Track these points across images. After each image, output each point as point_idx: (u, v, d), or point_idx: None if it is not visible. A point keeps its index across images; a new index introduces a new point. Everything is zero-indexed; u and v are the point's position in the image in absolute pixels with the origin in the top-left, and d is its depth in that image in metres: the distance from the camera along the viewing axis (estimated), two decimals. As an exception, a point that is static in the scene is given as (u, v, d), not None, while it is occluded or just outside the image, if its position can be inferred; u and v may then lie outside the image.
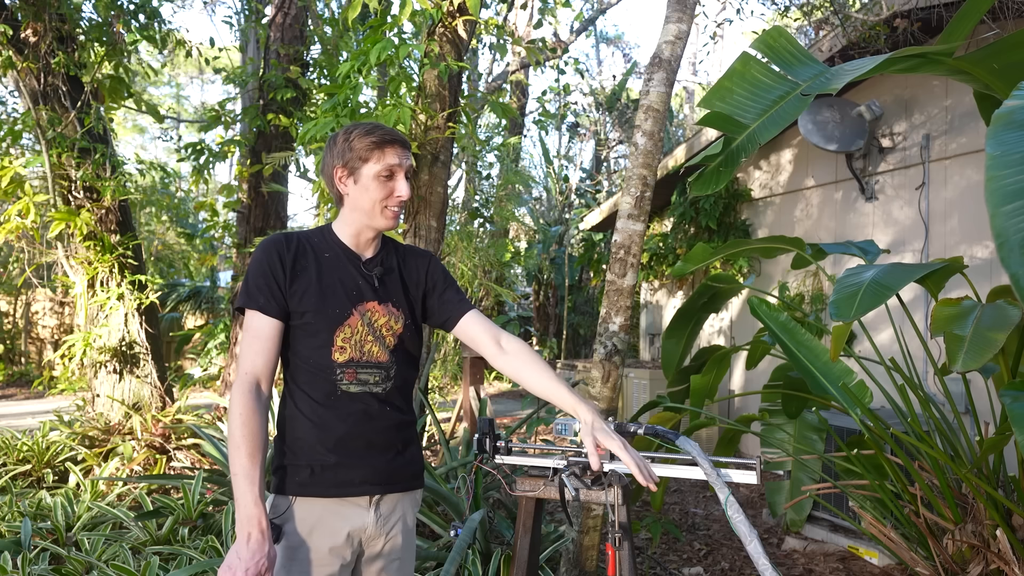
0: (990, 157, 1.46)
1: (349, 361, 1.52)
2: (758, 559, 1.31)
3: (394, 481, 1.57)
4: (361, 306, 1.55)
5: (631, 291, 2.69)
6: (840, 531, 3.83)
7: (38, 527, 3.37)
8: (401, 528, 1.60)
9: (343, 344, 1.52)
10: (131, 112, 14.41)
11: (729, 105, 2.34)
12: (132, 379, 5.26)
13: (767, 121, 2.27)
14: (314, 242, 1.58)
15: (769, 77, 2.30)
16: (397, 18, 3.80)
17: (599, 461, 1.44)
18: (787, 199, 5.92)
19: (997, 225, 1.38)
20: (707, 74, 18.35)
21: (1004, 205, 1.39)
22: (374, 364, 1.55)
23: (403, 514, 1.61)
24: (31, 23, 4.79)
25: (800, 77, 2.26)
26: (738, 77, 2.33)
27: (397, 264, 1.66)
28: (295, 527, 1.49)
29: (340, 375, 1.51)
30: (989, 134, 1.52)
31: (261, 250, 1.54)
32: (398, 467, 1.58)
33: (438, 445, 5.78)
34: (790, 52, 2.32)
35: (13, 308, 12.50)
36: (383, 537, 1.56)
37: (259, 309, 1.49)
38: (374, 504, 1.54)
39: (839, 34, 4.68)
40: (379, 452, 1.55)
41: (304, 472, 1.50)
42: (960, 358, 1.83)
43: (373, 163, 1.52)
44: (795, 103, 2.19)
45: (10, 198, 4.89)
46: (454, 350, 10.93)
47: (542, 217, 14.14)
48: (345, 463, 1.51)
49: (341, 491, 1.51)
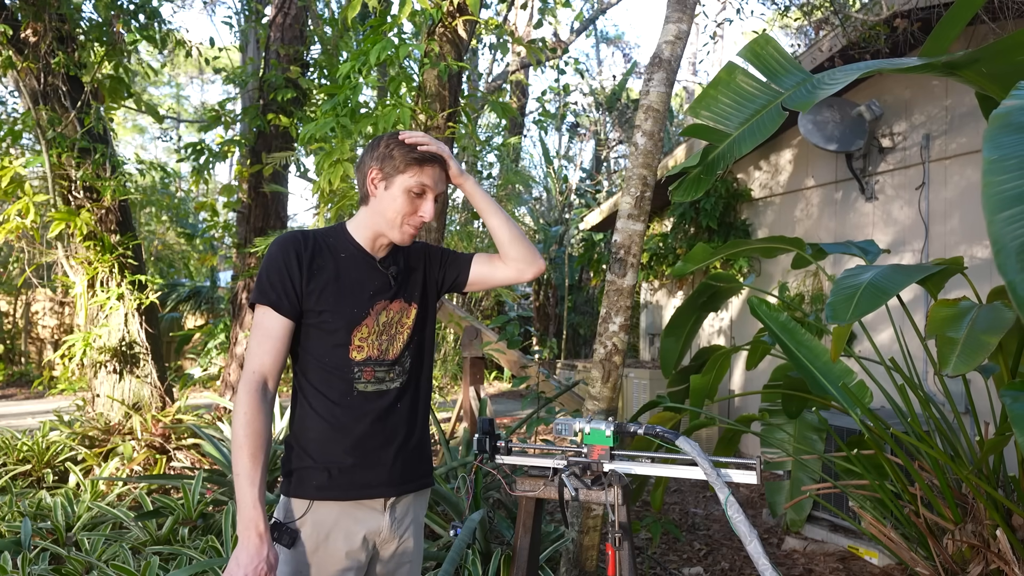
0: (987, 161, 1.42)
1: (367, 360, 1.52)
2: (758, 559, 1.31)
3: (408, 480, 1.57)
4: (378, 304, 1.55)
5: (631, 291, 2.69)
6: (840, 531, 3.83)
7: (38, 527, 3.37)
8: (413, 531, 1.61)
9: (360, 343, 1.52)
10: (131, 112, 14.41)
11: (714, 114, 2.35)
12: (132, 379, 5.26)
13: (747, 132, 2.27)
14: (330, 241, 1.57)
15: (753, 86, 2.30)
16: (397, 18, 3.80)
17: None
18: (787, 199, 5.92)
19: (994, 232, 1.33)
20: (707, 74, 18.36)
21: (1001, 211, 1.35)
22: (391, 361, 1.55)
23: (415, 515, 1.62)
24: (31, 23, 4.79)
25: (784, 86, 2.26)
26: (723, 86, 2.34)
27: (406, 260, 1.66)
28: (312, 531, 1.48)
29: (358, 374, 1.51)
30: (986, 137, 1.47)
31: (277, 247, 1.52)
32: (412, 466, 1.58)
33: (438, 445, 5.78)
34: (776, 60, 2.33)
35: (13, 308, 12.50)
36: (396, 540, 1.56)
37: (272, 306, 1.47)
38: (389, 507, 1.54)
39: (839, 34, 4.68)
40: (395, 451, 1.54)
41: (322, 475, 1.49)
42: (952, 361, 1.81)
43: (409, 176, 1.51)
44: (775, 116, 2.18)
45: (10, 198, 4.89)
46: (454, 350, 10.93)
47: (542, 217, 14.14)
48: (362, 464, 1.51)
49: (360, 493, 1.51)
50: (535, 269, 1.67)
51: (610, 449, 1.52)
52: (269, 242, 1.79)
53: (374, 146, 1.56)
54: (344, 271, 1.54)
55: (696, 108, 2.38)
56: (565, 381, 6.12)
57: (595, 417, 1.90)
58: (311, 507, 1.48)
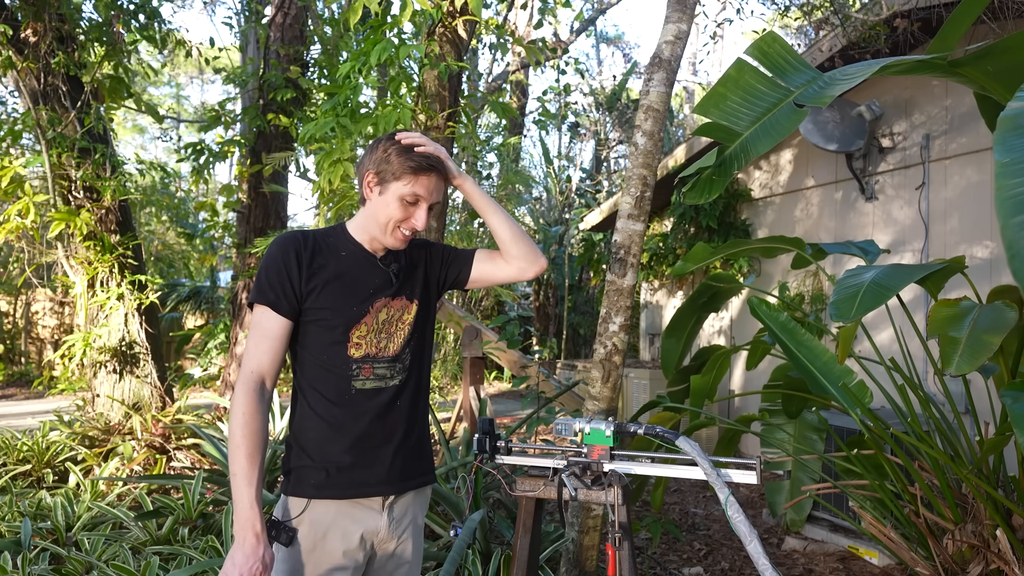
0: (999, 164, 1.38)
1: (365, 357, 1.51)
2: (758, 559, 1.31)
3: (408, 477, 1.57)
4: (379, 302, 1.55)
5: (631, 291, 2.69)
6: (840, 531, 3.83)
7: (38, 527, 3.37)
8: (412, 531, 1.60)
9: (359, 340, 1.51)
10: (131, 112, 14.41)
11: (723, 112, 2.33)
12: (132, 379, 5.26)
13: (760, 131, 2.25)
14: (330, 241, 1.56)
15: (763, 84, 2.29)
16: (397, 19, 3.80)
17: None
18: (787, 199, 5.92)
19: (1008, 236, 1.31)
20: (707, 74, 18.35)
21: (1015, 216, 1.32)
22: (390, 359, 1.54)
23: (414, 516, 1.61)
24: (31, 23, 4.79)
25: (793, 84, 2.25)
26: (732, 83, 2.32)
27: (408, 257, 1.65)
28: (309, 529, 1.47)
29: (356, 371, 1.50)
30: (996, 139, 1.45)
31: (277, 246, 1.52)
32: (412, 463, 1.58)
33: (438, 445, 5.78)
34: (784, 58, 2.32)
35: (13, 308, 12.50)
36: (395, 540, 1.56)
37: (271, 306, 1.47)
38: (387, 507, 1.54)
39: (839, 34, 4.68)
40: (394, 449, 1.54)
41: (320, 474, 1.48)
42: (955, 361, 1.82)
43: (403, 184, 1.50)
44: (789, 114, 2.17)
45: (10, 198, 4.89)
46: (454, 350, 10.93)
47: (542, 217, 14.15)
48: (361, 463, 1.50)
49: (358, 492, 1.50)
50: (537, 267, 1.67)
51: (610, 449, 1.52)
52: (269, 242, 1.79)
53: (373, 149, 1.56)
54: (345, 269, 1.54)
55: (705, 106, 2.36)
56: (565, 381, 6.12)
57: (595, 417, 1.89)
58: (309, 505, 1.48)
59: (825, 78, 2.17)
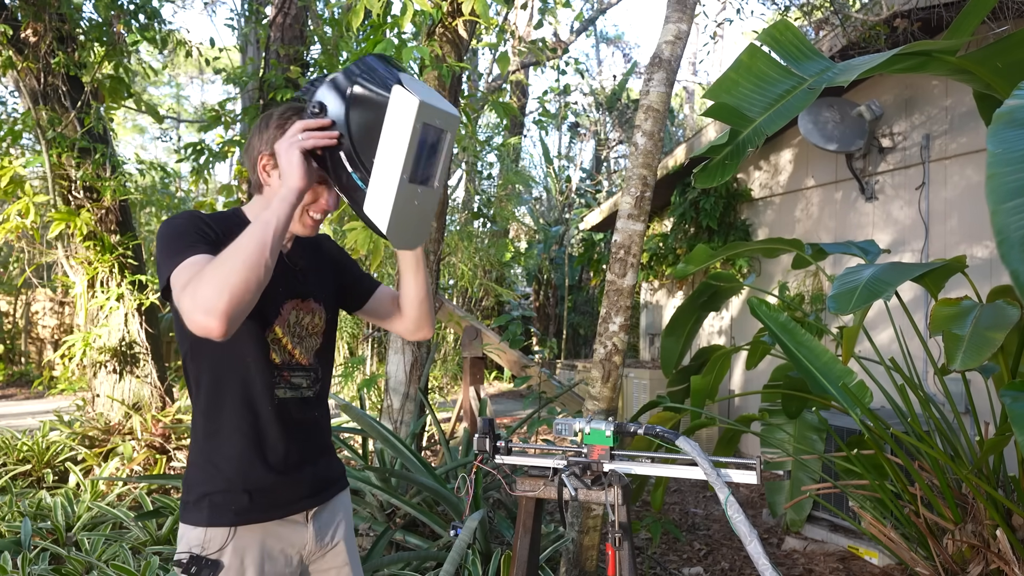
0: (991, 154, 1.47)
1: (282, 364, 1.39)
2: (758, 559, 1.31)
3: (325, 487, 1.50)
4: (288, 303, 1.41)
5: (631, 291, 2.69)
6: (840, 531, 3.83)
7: (38, 527, 3.37)
8: (343, 531, 1.53)
9: (273, 346, 1.38)
10: (131, 112, 14.40)
11: (735, 97, 2.34)
12: (132, 379, 5.26)
13: (773, 114, 2.27)
14: (233, 229, 1.23)
15: (775, 71, 2.30)
16: (397, 19, 3.80)
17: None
18: (787, 199, 5.92)
19: (998, 222, 1.37)
20: (707, 74, 18.35)
21: (1005, 202, 1.39)
22: (304, 367, 1.43)
23: (339, 522, 1.53)
24: (31, 23, 4.79)
25: (806, 72, 2.26)
26: (744, 70, 2.33)
27: (314, 257, 1.50)
28: (234, 558, 1.33)
29: (277, 379, 1.38)
30: (990, 132, 1.52)
31: (183, 218, 1.28)
32: (328, 473, 1.52)
33: (438, 445, 5.77)
34: (796, 47, 2.32)
35: (13, 308, 12.50)
36: (324, 550, 1.49)
37: (208, 253, 1.19)
38: (312, 519, 1.46)
39: (839, 34, 4.68)
40: (311, 462, 1.45)
41: (242, 498, 1.34)
42: (959, 357, 1.83)
43: None
44: (802, 96, 2.19)
45: (10, 198, 4.89)
46: (454, 350, 10.93)
47: (542, 217, 14.16)
48: (284, 480, 1.39)
49: (283, 512, 1.39)
50: (422, 335, 1.58)
51: (610, 449, 1.52)
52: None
53: (262, 127, 1.37)
54: None
55: (717, 91, 2.37)
56: (566, 381, 6.12)
57: (595, 417, 1.89)
58: (233, 534, 1.33)
59: (839, 66, 2.18)
